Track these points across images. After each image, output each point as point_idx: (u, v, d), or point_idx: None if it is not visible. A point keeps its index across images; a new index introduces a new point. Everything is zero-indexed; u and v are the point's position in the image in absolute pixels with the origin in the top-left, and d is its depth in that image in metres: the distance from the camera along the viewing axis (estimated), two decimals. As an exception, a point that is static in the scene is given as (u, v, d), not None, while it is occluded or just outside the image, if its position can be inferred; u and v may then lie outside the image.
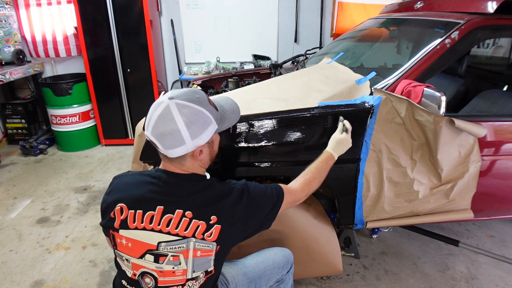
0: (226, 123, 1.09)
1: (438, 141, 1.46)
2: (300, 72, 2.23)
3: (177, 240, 0.97)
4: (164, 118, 0.95)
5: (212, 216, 0.98)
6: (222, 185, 1.07)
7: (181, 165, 1.03)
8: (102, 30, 3.49)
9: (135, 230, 0.99)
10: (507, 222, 2.47)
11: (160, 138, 0.96)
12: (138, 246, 0.99)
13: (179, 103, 0.95)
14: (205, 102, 1.01)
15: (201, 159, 1.04)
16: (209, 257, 1.01)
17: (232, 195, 1.03)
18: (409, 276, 1.96)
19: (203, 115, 0.98)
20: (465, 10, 1.81)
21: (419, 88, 1.46)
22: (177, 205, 0.98)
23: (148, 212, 0.98)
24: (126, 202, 1.01)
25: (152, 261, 0.99)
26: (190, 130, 0.95)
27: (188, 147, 0.97)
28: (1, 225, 2.48)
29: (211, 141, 1.04)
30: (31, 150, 3.65)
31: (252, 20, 4.08)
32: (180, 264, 0.99)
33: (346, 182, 1.60)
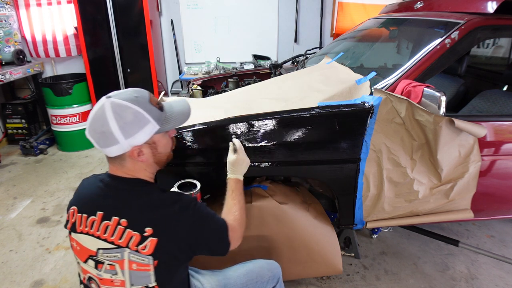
0: (171, 123, 1.05)
1: (438, 141, 1.46)
2: (300, 72, 2.23)
3: (112, 249, 0.94)
4: (98, 116, 0.94)
5: (147, 227, 0.93)
6: (166, 195, 1.01)
7: (122, 166, 0.99)
8: (102, 30, 3.49)
9: (81, 234, 0.98)
10: (507, 222, 2.47)
11: (95, 137, 0.95)
12: (83, 250, 0.99)
13: (114, 102, 0.93)
14: (144, 101, 0.97)
15: (142, 160, 0.99)
16: (148, 272, 0.94)
17: (174, 206, 0.97)
18: (409, 276, 1.96)
19: (138, 115, 0.94)
20: (465, 10, 1.81)
21: (419, 88, 1.46)
22: (114, 212, 0.95)
23: (91, 217, 0.97)
24: (77, 205, 1.01)
25: (93, 267, 0.98)
26: (122, 129, 0.92)
27: (122, 146, 0.94)
28: (1, 225, 2.48)
29: (152, 141, 1.00)
30: (31, 150, 3.65)
31: (252, 20, 4.08)
32: (117, 274, 0.95)
33: (346, 182, 1.60)
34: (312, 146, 1.52)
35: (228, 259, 1.68)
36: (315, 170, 1.58)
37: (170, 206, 0.97)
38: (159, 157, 1.05)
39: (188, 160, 1.56)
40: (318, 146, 1.52)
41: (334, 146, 1.53)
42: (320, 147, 1.52)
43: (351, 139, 1.52)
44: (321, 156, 1.53)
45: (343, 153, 1.54)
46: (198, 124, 1.52)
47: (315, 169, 1.58)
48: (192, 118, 1.57)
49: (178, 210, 0.97)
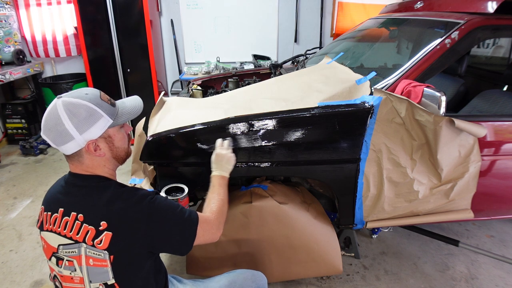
0: (124, 117, 1.06)
1: (438, 141, 1.46)
2: (300, 72, 2.23)
3: (70, 244, 0.96)
4: (51, 116, 0.95)
5: (102, 221, 0.94)
6: (122, 189, 1.01)
7: (81, 163, 1.01)
8: (102, 30, 3.49)
9: (47, 231, 1.01)
10: (507, 222, 2.47)
11: (50, 136, 0.96)
12: (48, 248, 1.01)
13: (66, 101, 0.95)
14: (95, 97, 0.99)
15: (99, 155, 1.01)
16: (105, 268, 0.95)
17: (130, 200, 0.98)
18: (409, 276, 1.96)
19: (90, 110, 0.96)
20: (465, 10, 1.81)
21: (419, 88, 1.46)
22: (73, 207, 0.97)
23: (54, 214, 0.99)
24: (44, 204, 1.05)
25: (55, 264, 1.00)
26: (76, 124, 0.94)
27: (78, 142, 0.96)
28: (1, 225, 2.48)
29: (107, 135, 1.01)
30: (31, 150, 3.65)
31: (252, 20, 4.08)
32: (76, 271, 0.97)
33: (346, 182, 1.60)
34: (312, 146, 1.52)
35: (228, 262, 1.69)
36: (315, 170, 1.58)
37: (126, 200, 0.98)
38: (117, 152, 1.06)
39: (188, 160, 1.56)
40: (318, 146, 1.52)
41: (334, 146, 1.53)
42: (320, 147, 1.52)
43: (351, 139, 1.52)
44: (321, 156, 1.53)
45: (343, 153, 1.54)
46: (198, 124, 1.52)
47: (315, 169, 1.58)
48: (192, 118, 1.59)
49: (134, 204, 0.97)
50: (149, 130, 1.61)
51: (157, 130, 1.54)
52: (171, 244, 1.03)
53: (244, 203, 1.66)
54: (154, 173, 1.59)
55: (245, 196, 1.69)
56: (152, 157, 1.55)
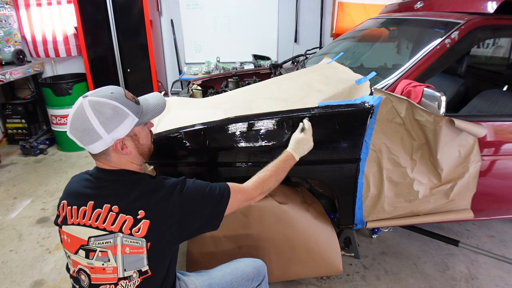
0: (149, 115, 1.09)
1: (438, 141, 1.46)
2: (300, 72, 2.23)
3: (104, 235, 0.97)
4: (78, 115, 0.97)
5: (140, 210, 0.97)
6: (154, 180, 1.06)
7: (108, 161, 1.03)
8: (102, 30, 3.49)
9: (72, 225, 1.01)
10: (507, 222, 2.47)
11: (78, 136, 0.98)
12: (74, 241, 1.01)
13: (92, 100, 0.97)
14: (120, 96, 1.01)
15: (126, 153, 1.03)
16: (140, 255, 0.98)
17: (162, 190, 1.02)
18: (409, 276, 1.96)
19: (116, 109, 0.98)
20: (465, 10, 1.81)
21: (419, 88, 1.46)
22: (105, 200, 0.99)
23: (82, 208, 1.00)
24: (66, 199, 1.05)
25: (84, 257, 1.00)
26: (103, 124, 0.96)
27: (106, 141, 0.98)
28: (1, 225, 2.48)
29: (133, 134, 1.04)
30: (31, 150, 3.65)
31: (252, 20, 4.08)
32: (109, 261, 0.98)
33: (346, 182, 1.60)
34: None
35: (229, 258, 1.69)
36: (315, 170, 1.58)
37: (158, 190, 1.01)
38: (142, 148, 1.09)
39: (188, 160, 1.56)
40: (318, 146, 1.52)
41: (334, 146, 1.53)
42: (320, 147, 1.52)
43: (351, 139, 1.52)
44: (321, 156, 1.53)
45: (343, 153, 1.54)
46: (198, 124, 1.52)
47: (315, 169, 1.58)
48: (192, 118, 1.59)
49: (166, 194, 1.01)
50: (149, 130, 1.60)
51: (157, 130, 1.54)
52: (204, 223, 1.08)
53: (244, 203, 1.65)
54: (154, 173, 1.59)
55: (245, 196, 1.69)
56: (151, 157, 1.54)
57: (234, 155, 1.53)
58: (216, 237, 1.66)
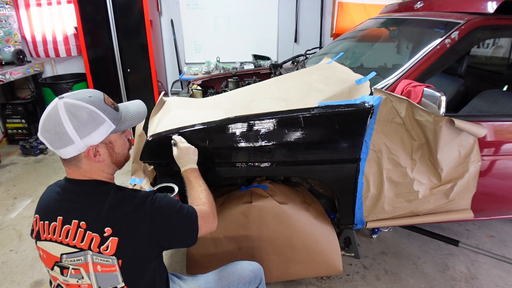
0: (127, 123, 1.04)
1: (438, 141, 1.46)
2: (300, 72, 2.23)
3: (75, 252, 0.93)
4: (51, 117, 0.92)
5: (106, 227, 0.92)
6: (122, 193, 0.99)
7: (78, 167, 0.97)
8: (102, 30, 3.49)
9: (45, 241, 0.97)
10: (507, 222, 2.47)
11: (48, 138, 0.93)
12: (49, 258, 0.98)
13: (67, 102, 0.92)
14: (98, 101, 0.96)
15: (98, 160, 0.98)
16: (114, 273, 0.94)
17: (131, 203, 0.96)
18: (409, 276, 1.96)
19: (93, 114, 0.93)
20: (465, 10, 1.81)
21: (419, 88, 1.46)
22: (73, 215, 0.94)
23: (52, 223, 0.96)
24: (38, 213, 1.01)
25: (59, 273, 0.97)
26: (77, 128, 0.91)
27: (78, 146, 0.93)
28: (1, 225, 2.48)
29: (108, 141, 0.99)
30: (31, 150, 3.65)
31: (252, 20, 4.08)
32: (83, 278, 0.94)
33: (346, 182, 1.60)
34: (312, 146, 1.52)
35: (228, 262, 1.69)
36: (315, 170, 1.58)
37: (127, 203, 0.96)
38: (117, 157, 1.04)
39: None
40: (318, 146, 1.52)
41: (334, 146, 1.53)
42: (320, 147, 1.52)
43: (351, 139, 1.52)
44: (321, 156, 1.53)
45: (343, 153, 1.54)
46: (198, 124, 1.52)
47: (315, 169, 1.58)
48: (192, 118, 1.59)
49: (136, 207, 0.96)
50: (149, 130, 1.61)
51: (157, 130, 1.54)
52: (176, 240, 1.02)
53: (244, 203, 1.66)
54: (154, 173, 1.59)
55: (245, 196, 1.69)
56: (152, 157, 1.55)
57: (234, 155, 1.53)
58: (216, 237, 1.66)
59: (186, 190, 1.25)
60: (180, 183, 1.57)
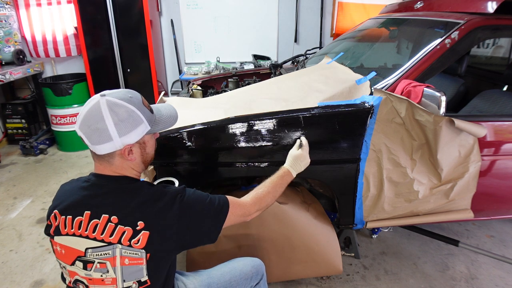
0: (161, 125, 1.09)
1: (438, 141, 1.46)
2: (300, 72, 2.23)
3: (103, 247, 0.95)
4: (93, 113, 0.94)
5: (139, 221, 0.95)
6: (153, 189, 1.03)
7: (110, 164, 1.00)
8: (102, 30, 3.49)
9: (66, 236, 0.98)
10: (507, 222, 2.47)
11: (87, 133, 0.95)
12: (70, 253, 0.98)
13: (110, 100, 0.95)
14: (138, 102, 1.01)
15: (131, 159, 1.01)
16: (140, 266, 0.96)
17: (162, 200, 1.00)
18: (409, 276, 1.96)
19: (133, 114, 0.97)
20: (465, 10, 1.81)
21: (419, 88, 1.46)
22: (103, 210, 0.96)
23: (77, 218, 0.97)
24: (59, 208, 1.01)
25: (81, 268, 0.97)
26: (118, 127, 0.94)
27: (115, 144, 0.96)
28: (1, 225, 2.48)
29: (142, 141, 1.03)
30: (31, 150, 3.65)
31: (252, 20, 4.08)
32: (108, 272, 0.96)
33: (346, 182, 1.60)
34: (312, 146, 1.51)
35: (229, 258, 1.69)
36: (315, 170, 1.58)
37: (158, 200, 0.99)
38: (146, 157, 1.08)
39: (189, 160, 1.56)
40: (318, 146, 1.52)
41: (334, 146, 1.53)
42: (320, 147, 1.52)
43: (351, 139, 1.52)
44: (321, 156, 1.53)
45: (343, 153, 1.54)
46: (198, 124, 1.52)
47: (315, 169, 1.58)
48: (192, 118, 1.59)
49: (166, 204, 0.99)
50: (149, 130, 1.60)
51: (157, 130, 1.54)
52: (202, 235, 1.06)
53: (244, 203, 1.65)
54: (154, 173, 1.59)
55: (245, 196, 1.69)
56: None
57: (234, 155, 1.53)
58: (216, 237, 1.66)
59: None
60: (179, 181, 1.57)
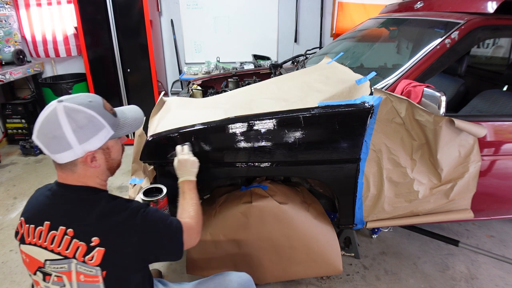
0: (125, 129, 1.03)
1: (438, 141, 1.46)
2: (300, 72, 2.23)
3: (59, 260, 0.91)
4: (50, 121, 0.89)
5: (94, 237, 0.90)
6: (114, 202, 0.97)
7: (73, 172, 0.95)
8: (102, 30, 3.49)
9: (29, 245, 0.95)
10: (507, 222, 2.47)
11: (45, 142, 0.90)
12: (32, 262, 0.96)
13: (67, 106, 0.90)
14: (98, 106, 0.96)
15: (94, 166, 0.96)
16: (96, 284, 0.91)
17: (121, 215, 0.94)
18: (409, 276, 1.96)
19: (93, 119, 0.92)
20: (465, 10, 1.81)
21: (419, 88, 1.46)
22: (61, 221, 0.92)
23: (38, 227, 0.94)
24: (25, 216, 0.99)
25: (41, 279, 0.95)
26: (77, 134, 0.89)
27: (76, 152, 0.91)
28: (1, 225, 2.48)
29: (106, 147, 0.98)
30: (31, 150, 3.65)
31: (252, 20, 4.07)
32: (65, 286, 0.93)
33: (346, 182, 1.60)
34: (312, 146, 1.52)
35: (228, 262, 1.69)
36: (315, 170, 1.58)
37: (118, 214, 0.94)
38: (112, 163, 1.03)
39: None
40: (318, 146, 1.52)
41: (334, 146, 1.53)
42: (320, 147, 1.52)
43: (351, 139, 1.52)
44: (321, 156, 1.53)
45: (343, 153, 1.54)
46: (198, 124, 1.52)
47: (315, 169, 1.58)
48: (192, 118, 1.59)
49: (126, 219, 0.94)
50: (149, 130, 1.61)
51: (157, 130, 1.54)
52: (163, 254, 1.03)
53: (244, 203, 1.66)
54: (154, 173, 1.59)
55: (245, 196, 1.69)
56: (152, 157, 1.55)
57: (234, 155, 1.53)
58: (216, 237, 1.66)
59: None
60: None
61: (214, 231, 1.66)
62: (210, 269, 1.69)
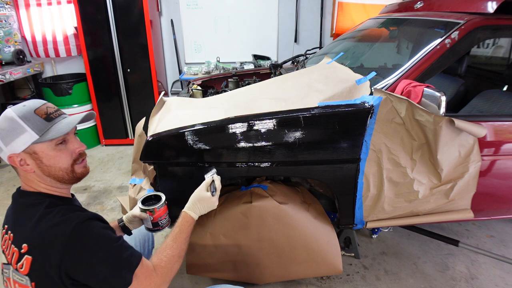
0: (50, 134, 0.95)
1: (438, 141, 1.46)
2: (300, 72, 2.23)
3: (6, 264, 0.94)
4: None
5: (24, 243, 0.87)
6: (54, 209, 0.91)
7: (20, 176, 1.00)
8: (102, 30, 3.49)
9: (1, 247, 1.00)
10: (507, 222, 2.47)
11: None
12: None
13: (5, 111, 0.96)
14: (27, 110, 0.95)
15: (27, 170, 0.95)
16: None
17: (54, 220, 0.88)
18: (409, 276, 1.96)
19: (13, 122, 0.93)
20: (465, 10, 1.81)
21: (419, 88, 1.46)
22: (10, 226, 0.95)
23: (3, 231, 0.99)
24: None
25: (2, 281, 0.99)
26: (1, 136, 0.94)
27: (5, 153, 0.95)
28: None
29: (32, 152, 0.94)
30: (31, 150, 3.65)
31: (252, 20, 4.08)
32: None
33: (346, 182, 1.60)
34: (312, 146, 1.52)
35: (228, 262, 1.69)
36: (315, 170, 1.58)
37: (49, 221, 0.88)
38: (49, 170, 0.97)
39: (189, 160, 1.56)
40: (318, 146, 1.52)
41: (334, 146, 1.53)
42: (320, 147, 1.52)
43: (351, 139, 1.52)
44: (321, 156, 1.53)
45: (343, 153, 1.54)
46: (198, 124, 1.52)
47: (315, 169, 1.58)
48: (192, 118, 1.59)
49: (56, 226, 0.87)
50: (149, 130, 1.61)
51: (157, 130, 1.54)
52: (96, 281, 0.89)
53: (244, 203, 1.66)
54: (154, 173, 1.59)
55: (245, 196, 1.69)
56: (152, 157, 1.55)
57: (234, 155, 1.53)
58: (216, 237, 1.66)
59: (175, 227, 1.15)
60: (180, 184, 1.57)
61: (214, 231, 1.66)
62: (210, 269, 1.69)
